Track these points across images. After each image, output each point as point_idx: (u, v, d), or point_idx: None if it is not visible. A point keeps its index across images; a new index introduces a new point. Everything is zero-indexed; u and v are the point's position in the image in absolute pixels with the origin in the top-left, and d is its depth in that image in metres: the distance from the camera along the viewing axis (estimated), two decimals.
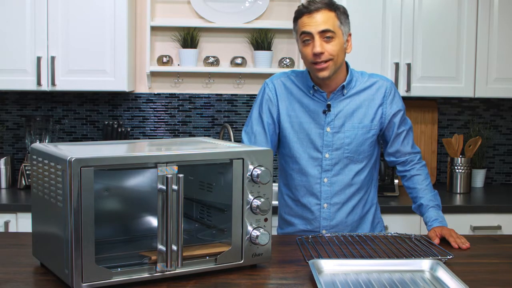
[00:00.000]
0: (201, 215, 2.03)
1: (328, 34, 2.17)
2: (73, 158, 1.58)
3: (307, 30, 2.18)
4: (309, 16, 2.18)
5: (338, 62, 2.22)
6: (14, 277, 1.77)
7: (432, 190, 2.37)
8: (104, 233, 1.88)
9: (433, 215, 2.29)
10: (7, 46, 3.36)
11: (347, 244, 2.13)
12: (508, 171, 4.01)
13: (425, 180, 2.38)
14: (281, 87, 2.35)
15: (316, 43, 2.17)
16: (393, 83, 2.40)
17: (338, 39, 2.20)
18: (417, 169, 2.39)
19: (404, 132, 2.38)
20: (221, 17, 3.74)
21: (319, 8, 2.18)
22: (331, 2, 2.21)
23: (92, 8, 3.38)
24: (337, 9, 2.21)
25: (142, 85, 3.80)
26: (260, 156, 1.84)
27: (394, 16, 3.50)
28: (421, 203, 2.33)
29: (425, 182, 2.37)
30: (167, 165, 1.71)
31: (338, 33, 2.20)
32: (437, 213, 2.30)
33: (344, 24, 2.23)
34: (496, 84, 3.59)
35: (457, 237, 2.16)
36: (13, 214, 3.18)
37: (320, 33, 2.17)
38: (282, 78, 2.37)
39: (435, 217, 2.28)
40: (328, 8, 2.19)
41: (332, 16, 2.19)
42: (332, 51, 2.19)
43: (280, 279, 1.80)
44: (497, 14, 3.55)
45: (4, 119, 3.76)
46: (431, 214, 2.29)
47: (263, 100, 2.35)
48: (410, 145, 2.40)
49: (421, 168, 2.40)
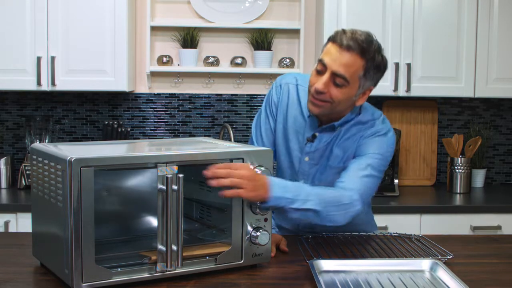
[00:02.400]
0: (201, 215, 2.03)
1: (340, 82, 1.93)
2: (73, 158, 1.58)
3: (325, 61, 1.94)
4: (337, 49, 1.92)
5: (336, 108, 2.00)
6: (14, 277, 1.77)
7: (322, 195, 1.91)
8: (104, 233, 1.88)
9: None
10: (7, 46, 3.36)
11: (347, 244, 2.13)
12: (508, 171, 4.01)
13: (332, 192, 1.94)
14: (286, 94, 2.17)
15: (322, 80, 1.94)
16: (391, 136, 2.10)
17: (349, 89, 1.95)
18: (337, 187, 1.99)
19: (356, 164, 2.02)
20: (221, 17, 3.74)
21: (351, 49, 1.90)
22: (368, 49, 1.92)
23: (92, 8, 3.38)
24: (370, 60, 1.92)
25: (142, 85, 3.80)
26: (260, 156, 1.84)
27: (394, 16, 3.50)
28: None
29: (329, 192, 1.94)
30: (167, 165, 1.71)
31: (354, 84, 1.94)
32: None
33: (367, 78, 1.95)
34: (496, 84, 3.59)
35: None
36: (13, 214, 3.18)
37: (334, 74, 1.92)
38: (291, 85, 2.17)
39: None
40: (361, 53, 1.91)
41: (358, 64, 1.91)
42: (335, 96, 1.95)
43: (280, 279, 1.80)
44: (497, 14, 3.55)
45: (4, 119, 3.76)
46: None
47: (270, 100, 2.22)
48: (350, 180, 1.98)
49: (341, 190, 1.96)
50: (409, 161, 3.87)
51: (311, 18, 3.81)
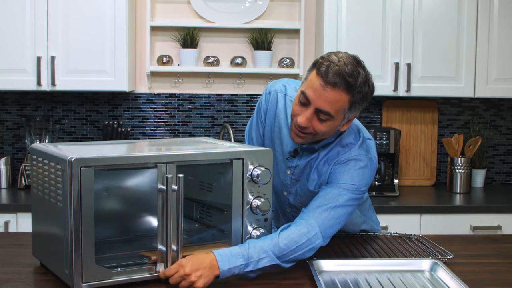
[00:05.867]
0: (201, 215, 2.03)
1: (324, 117, 1.82)
2: (73, 158, 1.58)
3: (309, 96, 1.81)
4: (322, 84, 1.79)
5: (320, 138, 1.92)
6: (14, 277, 1.77)
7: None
8: (104, 233, 1.88)
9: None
10: (7, 46, 3.36)
11: (347, 244, 2.13)
12: (508, 171, 4.01)
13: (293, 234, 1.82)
14: (274, 102, 2.08)
15: (305, 115, 1.83)
16: (367, 163, 1.95)
17: (333, 122, 1.84)
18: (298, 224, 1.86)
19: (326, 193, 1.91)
20: (221, 17, 3.74)
21: (336, 86, 1.77)
22: (354, 84, 1.78)
23: (92, 8, 3.38)
24: (356, 94, 1.80)
25: (142, 85, 3.80)
26: (260, 156, 1.84)
27: (394, 16, 3.50)
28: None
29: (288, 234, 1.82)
30: (167, 165, 1.71)
31: (338, 117, 1.84)
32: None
33: (352, 110, 1.84)
34: (496, 84, 3.59)
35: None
36: (13, 214, 3.18)
37: (317, 109, 1.81)
38: (280, 94, 2.07)
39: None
40: (347, 90, 1.78)
41: (343, 100, 1.80)
42: (318, 129, 1.85)
43: (280, 279, 1.80)
44: (497, 14, 3.55)
45: (4, 119, 3.76)
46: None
47: (260, 107, 2.15)
48: (312, 212, 1.87)
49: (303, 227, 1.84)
50: (409, 161, 3.87)
51: (311, 18, 3.81)
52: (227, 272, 1.72)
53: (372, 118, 3.89)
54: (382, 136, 3.56)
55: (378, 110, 3.90)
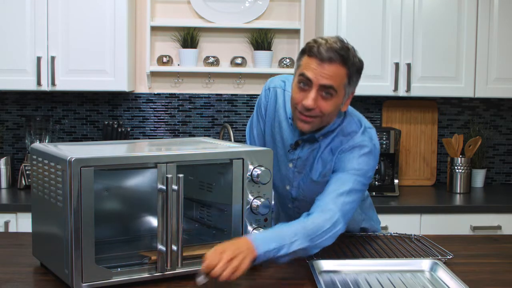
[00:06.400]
0: (201, 215, 2.03)
1: (328, 94, 1.87)
2: (73, 158, 1.58)
3: (309, 76, 1.86)
4: (318, 62, 1.85)
5: (325, 121, 1.95)
6: (14, 277, 1.77)
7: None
8: (104, 233, 1.88)
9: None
10: (7, 46, 3.36)
11: (347, 244, 2.13)
12: (508, 171, 4.01)
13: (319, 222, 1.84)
14: (273, 98, 2.12)
15: (311, 96, 1.87)
16: (372, 149, 1.98)
17: (337, 99, 1.90)
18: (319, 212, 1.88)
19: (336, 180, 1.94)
20: (221, 17, 3.74)
21: (333, 60, 1.84)
22: (347, 56, 1.86)
23: (92, 8, 3.38)
24: (351, 66, 1.88)
25: (142, 85, 3.80)
26: (260, 156, 1.84)
27: (394, 16, 3.50)
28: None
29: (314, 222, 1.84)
30: (167, 165, 1.71)
31: (340, 92, 1.89)
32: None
33: (351, 84, 1.91)
34: (496, 84, 3.59)
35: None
36: (13, 214, 3.18)
37: (321, 86, 1.86)
38: (279, 89, 2.11)
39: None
40: (342, 63, 1.86)
41: (342, 73, 1.87)
42: (325, 109, 1.89)
43: (280, 279, 1.80)
44: (497, 14, 3.54)
45: (4, 119, 3.76)
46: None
47: (260, 103, 2.19)
48: (330, 199, 1.89)
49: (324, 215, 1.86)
50: (409, 161, 3.87)
51: (311, 18, 3.81)
52: (263, 256, 1.69)
53: (372, 118, 3.89)
54: (382, 136, 3.56)
55: (378, 110, 3.90)
